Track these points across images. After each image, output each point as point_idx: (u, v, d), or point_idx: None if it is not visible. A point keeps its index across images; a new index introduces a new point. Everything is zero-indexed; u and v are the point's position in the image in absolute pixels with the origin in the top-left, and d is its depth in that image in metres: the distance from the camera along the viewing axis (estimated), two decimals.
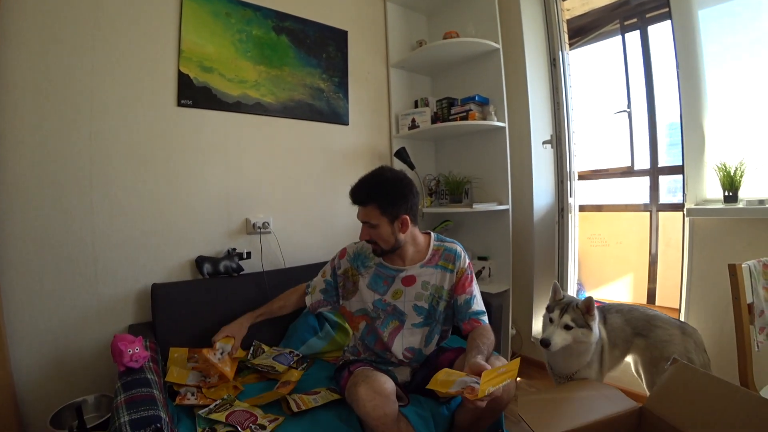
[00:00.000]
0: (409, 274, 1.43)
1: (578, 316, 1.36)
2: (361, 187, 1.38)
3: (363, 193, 1.37)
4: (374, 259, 1.48)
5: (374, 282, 1.46)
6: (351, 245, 1.56)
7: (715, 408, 1.05)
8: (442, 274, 1.43)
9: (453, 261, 1.45)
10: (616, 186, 2.60)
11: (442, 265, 1.44)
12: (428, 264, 1.44)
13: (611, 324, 1.54)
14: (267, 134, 2.09)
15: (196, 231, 1.88)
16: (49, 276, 1.56)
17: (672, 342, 1.45)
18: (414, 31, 2.70)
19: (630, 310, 1.58)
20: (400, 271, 1.44)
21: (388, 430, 1.13)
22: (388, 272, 1.45)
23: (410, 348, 1.44)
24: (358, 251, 1.53)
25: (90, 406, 1.52)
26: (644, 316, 1.54)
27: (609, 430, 1.17)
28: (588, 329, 1.35)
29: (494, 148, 2.37)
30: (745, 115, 1.76)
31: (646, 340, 1.50)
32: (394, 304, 1.43)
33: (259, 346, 1.73)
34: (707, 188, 1.81)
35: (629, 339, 1.53)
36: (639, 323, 1.53)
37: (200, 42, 1.86)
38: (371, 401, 1.12)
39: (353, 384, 1.19)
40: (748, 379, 1.22)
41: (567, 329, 1.36)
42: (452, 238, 1.54)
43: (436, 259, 1.45)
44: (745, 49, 1.77)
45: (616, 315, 1.56)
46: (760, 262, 1.33)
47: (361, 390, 1.14)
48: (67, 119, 1.58)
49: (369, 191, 1.37)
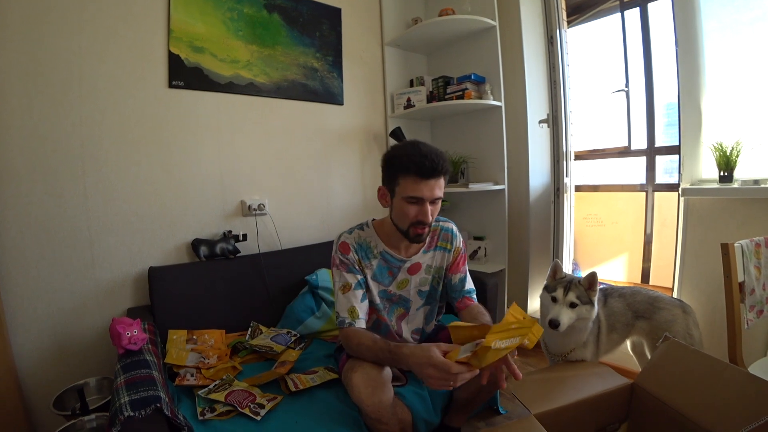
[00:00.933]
0: (414, 263, 1.36)
1: (582, 293, 1.34)
2: (437, 157, 1.16)
3: (443, 163, 1.17)
4: (377, 247, 1.33)
5: (379, 273, 1.34)
6: (347, 237, 1.32)
7: (704, 384, 1.07)
8: (442, 254, 1.39)
9: (450, 240, 1.40)
10: (612, 166, 2.60)
11: (441, 245, 1.39)
12: (429, 248, 1.38)
13: (611, 308, 1.53)
14: (261, 115, 2.06)
15: (191, 214, 1.87)
16: (45, 262, 1.56)
17: (676, 321, 1.46)
18: (409, 9, 2.64)
19: (633, 294, 1.56)
20: (405, 262, 1.34)
21: (383, 416, 1.13)
22: (394, 262, 1.34)
23: (416, 329, 1.43)
24: (359, 242, 1.33)
25: (92, 389, 1.55)
26: (647, 298, 1.53)
27: (601, 405, 1.20)
28: (591, 305, 1.35)
29: (490, 127, 2.35)
30: (743, 95, 1.74)
31: (650, 323, 1.50)
32: (399, 294, 1.38)
33: (257, 327, 1.75)
34: (703, 168, 1.81)
35: (630, 323, 1.52)
36: (642, 306, 1.52)
37: (190, 21, 1.82)
38: (366, 388, 1.10)
39: (349, 369, 1.17)
40: (737, 356, 1.25)
41: (572, 307, 1.34)
42: (449, 217, 1.50)
43: (436, 241, 1.39)
44: (745, 26, 1.74)
45: (618, 299, 1.54)
46: (753, 242, 1.35)
47: (356, 376, 1.12)
48: (55, 102, 1.56)
49: (444, 161, 1.18)
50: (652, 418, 1.15)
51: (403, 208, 1.21)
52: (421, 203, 1.19)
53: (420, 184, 1.17)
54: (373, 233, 1.34)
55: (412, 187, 1.17)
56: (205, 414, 1.20)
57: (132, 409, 0.95)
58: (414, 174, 1.16)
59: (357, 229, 1.35)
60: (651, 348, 1.53)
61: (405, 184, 1.19)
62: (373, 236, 1.34)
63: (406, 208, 1.20)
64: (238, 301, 1.80)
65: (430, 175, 1.16)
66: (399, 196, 1.22)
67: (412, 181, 1.17)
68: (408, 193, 1.18)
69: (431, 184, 1.17)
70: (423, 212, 1.19)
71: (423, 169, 1.15)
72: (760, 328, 1.51)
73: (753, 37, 1.72)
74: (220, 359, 1.54)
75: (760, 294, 1.33)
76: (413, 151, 1.17)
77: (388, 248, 1.33)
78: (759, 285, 1.33)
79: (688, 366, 1.15)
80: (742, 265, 1.29)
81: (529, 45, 2.32)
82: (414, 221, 1.21)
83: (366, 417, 1.16)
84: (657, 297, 1.53)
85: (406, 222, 1.23)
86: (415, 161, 1.15)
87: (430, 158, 1.15)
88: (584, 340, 1.43)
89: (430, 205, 1.20)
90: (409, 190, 1.18)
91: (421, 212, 1.19)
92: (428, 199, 1.18)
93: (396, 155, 1.22)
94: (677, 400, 1.09)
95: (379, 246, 1.33)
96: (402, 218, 1.23)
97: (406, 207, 1.20)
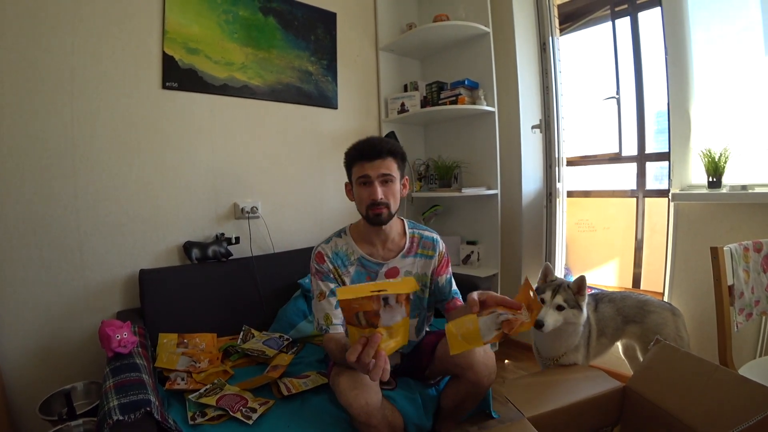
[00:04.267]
0: (391, 267, 1.38)
1: (570, 297, 1.36)
2: (378, 141, 1.31)
3: (382, 145, 1.29)
4: (354, 254, 1.36)
5: (357, 279, 1.36)
6: (324, 247, 1.36)
7: (695, 386, 1.08)
8: (425, 261, 1.40)
9: (432, 248, 1.41)
10: (603, 172, 2.63)
11: (422, 253, 1.41)
12: (408, 254, 1.39)
13: (602, 313, 1.55)
14: (255, 118, 2.06)
15: (183, 216, 1.86)
16: (33, 263, 1.53)
17: (666, 324, 1.50)
18: (404, 14, 2.66)
19: (623, 299, 1.59)
20: (382, 266, 1.37)
21: (372, 419, 1.13)
22: (371, 267, 1.37)
23: None
24: (335, 250, 1.36)
25: (79, 393, 1.52)
26: (637, 303, 1.56)
27: (593, 409, 1.21)
28: (579, 310, 1.37)
29: (483, 132, 2.37)
30: (730, 103, 1.78)
31: (641, 326, 1.53)
32: None
33: (248, 331, 1.73)
34: (692, 174, 1.84)
35: (620, 327, 1.55)
36: (632, 311, 1.55)
37: (185, 22, 1.81)
38: (352, 391, 1.11)
39: (336, 374, 1.19)
40: (728, 358, 1.26)
41: (559, 310, 1.35)
42: (442, 222, 1.51)
43: (415, 248, 1.41)
44: (733, 37, 1.78)
45: (609, 305, 1.57)
46: (741, 246, 1.36)
47: (343, 380, 1.14)
48: (47, 101, 1.54)
49: (386, 144, 1.30)
50: (643, 420, 1.16)
51: (358, 193, 1.32)
52: (371, 184, 1.28)
53: (365, 165, 1.28)
54: (349, 240, 1.39)
55: (359, 170, 1.30)
56: (195, 418, 1.18)
57: (121, 412, 0.93)
58: (359, 159, 1.30)
59: (335, 237, 1.40)
60: (643, 351, 1.55)
61: (355, 170, 1.32)
62: (349, 243, 1.38)
63: (360, 191, 1.31)
64: (229, 304, 1.78)
65: (372, 156, 1.28)
66: (354, 183, 1.34)
67: (359, 165, 1.30)
68: (357, 175, 1.31)
69: (376, 165, 1.28)
70: (373, 191, 1.28)
71: (364, 152, 1.29)
72: (750, 330, 1.53)
73: (740, 47, 1.76)
74: (212, 363, 1.52)
75: (749, 297, 1.35)
76: (358, 142, 1.33)
77: (365, 253, 1.37)
78: (748, 288, 1.34)
79: (679, 368, 1.15)
80: (732, 268, 1.31)
81: (522, 52, 2.34)
82: (368, 203, 1.29)
83: (355, 420, 1.16)
84: (647, 301, 1.56)
85: (363, 206, 1.31)
86: (358, 147, 1.31)
87: (370, 142, 1.30)
88: (575, 344, 1.44)
89: (380, 185, 1.28)
90: (357, 173, 1.31)
91: (372, 192, 1.28)
92: (375, 177, 1.28)
93: (347, 149, 1.35)
94: (669, 402, 1.09)
95: (356, 252, 1.37)
96: (360, 203, 1.33)
97: (360, 191, 1.31)
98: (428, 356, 1.40)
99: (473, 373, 1.23)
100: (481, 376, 1.23)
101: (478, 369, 1.22)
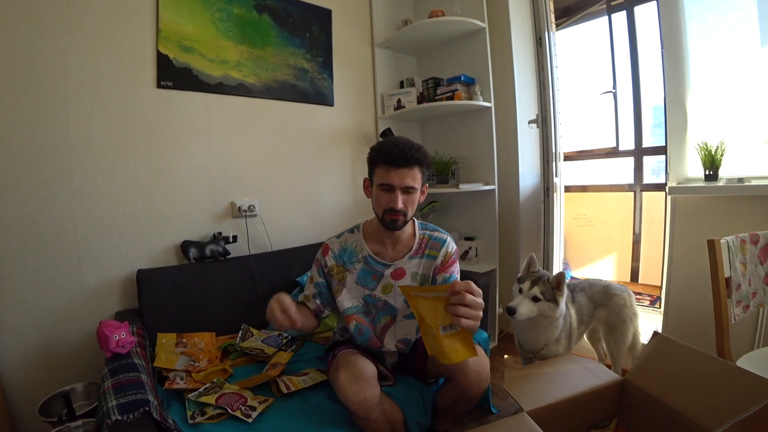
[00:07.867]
0: (398, 268, 1.37)
1: (547, 290, 1.38)
2: (408, 148, 1.24)
3: (414, 153, 1.24)
4: (362, 251, 1.37)
5: (363, 277, 1.37)
6: (333, 240, 1.41)
7: (693, 378, 1.09)
8: (429, 262, 1.38)
9: (439, 249, 1.39)
10: (601, 166, 2.63)
11: (429, 254, 1.39)
12: (415, 255, 1.38)
13: (578, 302, 1.60)
14: (251, 116, 2.05)
15: (180, 215, 1.85)
16: (31, 264, 1.53)
17: (626, 305, 1.63)
18: (399, 10, 2.65)
19: (591, 286, 1.68)
20: (389, 267, 1.36)
21: (370, 414, 1.14)
22: (377, 267, 1.37)
23: (403, 339, 1.41)
24: (344, 246, 1.39)
25: (79, 395, 1.52)
26: (601, 288, 1.67)
27: (593, 401, 1.21)
28: (555, 304, 1.38)
29: (480, 128, 2.36)
30: (727, 96, 1.78)
31: (606, 309, 1.64)
32: (384, 299, 1.38)
33: (247, 330, 1.73)
34: (689, 167, 1.84)
35: (592, 313, 1.63)
36: (599, 296, 1.65)
37: (179, 21, 1.80)
38: (351, 386, 1.12)
39: (335, 369, 1.21)
40: (725, 350, 1.26)
41: (534, 301, 1.38)
42: (440, 218, 1.50)
43: (423, 249, 1.39)
44: (728, 29, 1.78)
45: (581, 293, 1.64)
46: (738, 238, 1.37)
47: (341, 375, 1.15)
48: (42, 101, 1.53)
49: (417, 152, 1.25)
50: (642, 412, 1.16)
51: (377, 196, 1.30)
52: (392, 191, 1.26)
53: (390, 172, 1.25)
54: (360, 238, 1.39)
55: (384, 175, 1.26)
56: (195, 417, 1.18)
57: (120, 412, 0.93)
58: (385, 163, 1.25)
59: (347, 233, 1.42)
60: (606, 334, 1.68)
61: (379, 173, 1.28)
62: (360, 240, 1.39)
63: (380, 195, 1.28)
64: (228, 303, 1.78)
65: (400, 164, 1.24)
66: (375, 184, 1.31)
67: (384, 169, 1.26)
68: (380, 181, 1.27)
69: (402, 173, 1.24)
70: (393, 199, 1.26)
71: (392, 158, 1.24)
72: (747, 322, 1.53)
73: (735, 40, 1.76)
74: (211, 362, 1.52)
75: (746, 289, 1.35)
76: (388, 143, 1.28)
77: (373, 252, 1.37)
78: (745, 280, 1.35)
79: (677, 361, 1.16)
80: (729, 260, 1.31)
81: (518, 47, 2.34)
82: (387, 208, 1.27)
83: (354, 415, 1.17)
84: (608, 285, 1.68)
85: (380, 209, 1.29)
86: (386, 151, 1.25)
87: (400, 148, 1.23)
88: (555, 336, 1.47)
89: (401, 194, 1.26)
90: (381, 177, 1.27)
91: (392, 199, 1.26)
92: (398, 186, 1.25)
93: (374, 148, 1.33)
94: (667, 394, 1.10)
95: (365, 250, 1.38)
96: (377, 206, 1.31)
97: (380, 195, 1.28)
98: (422, 359, 1.40)
99: (464, 378, 1.24)
100: (471, 382, 1.24)
101: (469, 375, 1.23)
